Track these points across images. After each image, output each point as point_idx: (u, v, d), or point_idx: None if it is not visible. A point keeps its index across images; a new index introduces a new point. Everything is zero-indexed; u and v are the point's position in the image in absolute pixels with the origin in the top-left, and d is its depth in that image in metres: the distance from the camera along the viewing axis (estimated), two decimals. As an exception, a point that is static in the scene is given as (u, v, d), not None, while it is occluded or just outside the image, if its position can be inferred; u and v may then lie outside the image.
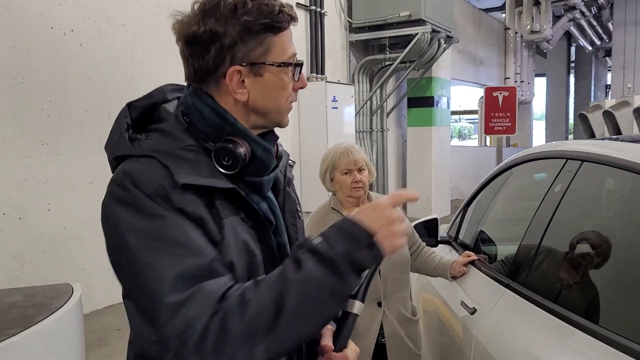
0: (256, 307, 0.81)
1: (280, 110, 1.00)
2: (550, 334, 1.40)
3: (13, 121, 3.62)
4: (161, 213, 0.84)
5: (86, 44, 4.05)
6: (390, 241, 0.88)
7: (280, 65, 0.96)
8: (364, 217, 0.88)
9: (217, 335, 0.79)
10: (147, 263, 0.82)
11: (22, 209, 3.70)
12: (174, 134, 0.95)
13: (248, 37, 0.93)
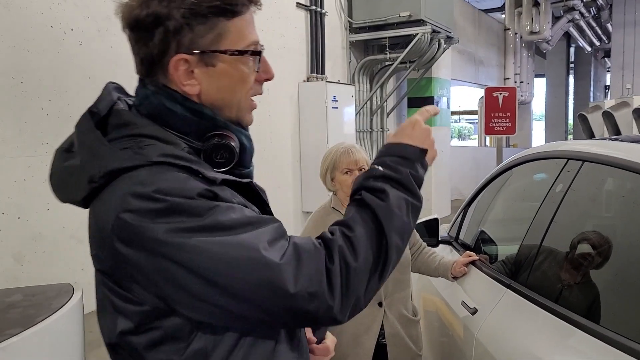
0: (362, 240, 0.83)
1: (239, 106, 0.91)
2: (551, 334, 1.40)
3: (12, 120, 3.61)
4: (212, 205, 0.77)
5: (86, 43, 4.04)
6: (432, 152, 0.96)
7: (234, 53, 0.86)
8: (407, 137, 0.95)
9: (342, 276, 0.80)
10: (232, 252, 0.75)
11: (22, 209, 3.70)
12: (163, 138, 0.84)
13: (195, 22, 0.83)
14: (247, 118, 0.94)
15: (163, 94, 0.87)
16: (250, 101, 0.93)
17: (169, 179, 0.77)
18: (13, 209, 3.66)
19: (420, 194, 0.92)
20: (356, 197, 0.90)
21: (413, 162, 0.92)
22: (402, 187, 0.89)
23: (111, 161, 0.80)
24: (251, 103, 0.93)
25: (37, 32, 3.72)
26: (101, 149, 0.82)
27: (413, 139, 0.95)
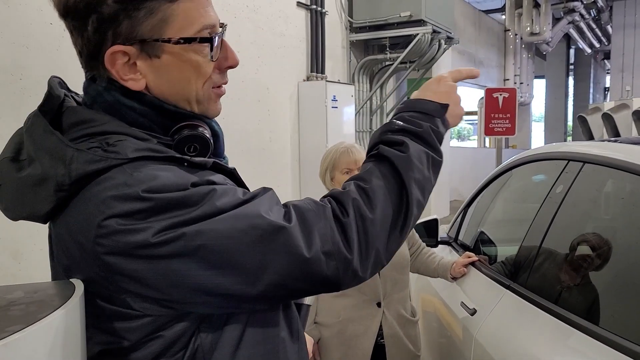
0: (380, 191, 0.78)
1: (198, 99, 0.80)
2: (550, 335, 1.40)
3: (11, 117, 3.60)
4: (207, 191, 0.70)
5: (86, 40, 4.03)
6: (457, 111, 0.93)
7: (180, 41, 0.74)
8: (431, 92, 0.92)
9: (359, 229, 0.76)
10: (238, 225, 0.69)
11: (20, 206, 3.69)
12: (132, 134, 0.75)
13: (131, 6, 0.72)
14: (212, 109, 0.82)
15: (117, 90, 0.77)
16: (213, 91, 0.81)
17: (154, 174, 0.69)
18: (11, 206, 3.65)
19: (440, 148, 0.90)
20: (373, 152, 0.86)
21: (433, 118, 0.89)
22: (422, 140, 0.86)
23: (82, 164, 0.70)
24: (215, 91, 0.82)
25: (37, 28, 3.71)
26: (67, 152, 0.71)
27: (436, 95, 0.92)
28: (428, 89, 0.93)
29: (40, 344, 0.64)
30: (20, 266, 3.70)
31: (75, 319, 0.72)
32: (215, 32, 0.78)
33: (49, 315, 0.66)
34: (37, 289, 0.78)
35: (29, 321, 0.64)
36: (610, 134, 7.49)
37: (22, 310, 0.68)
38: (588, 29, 15.66)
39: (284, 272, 0.71)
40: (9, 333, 0.60)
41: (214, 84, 0.81)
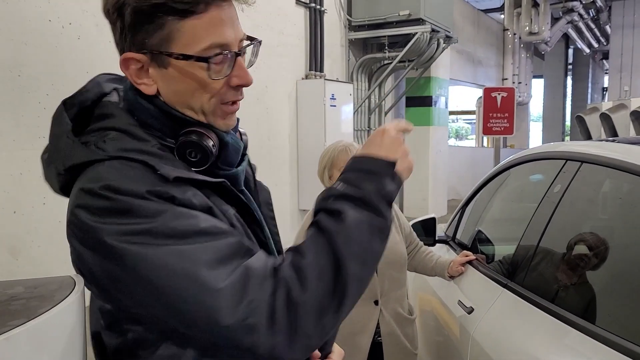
0: (314, 271, 0.74)
1: (204, 111, 0.82)
2: (547, 334, 1.40)
3: (10, 114, 3.59)
4: (164, 208, 0.71)
5: (84, 37, 4.02)
6: (406, 164, 0.87)
7: (179, 57, 0.78)
8: (376, 148, 0.85)
9: (286, 311, 0.71)
10: (172, 264, 0.69)
11: (17, 203, 3.68)
12: (133, 133, 0.79)
13: (145, 19, 0.76)
14: (219, 123, 0.84)
15: (136, 91, 0.83)
16: (222, 107, 0.83)
17: (120, 175, 0.73)
18: (9, 203, 3.64)
19: (389, 212, 0.81)
20: (314, 219, 0.81)
21: (381, 176, 0.81)
22: (364, 205, 0.78)
23: (70, 157, 0.78)
24: (224, 108, 0.83)
25: (35, 25, 3.70)
26: (62, 143, 0.80)
27: (382, 149, 0.84)
28: (372, 143, 0.86)
29: (41, 338, 0.65)
30: (18, 263, 3.70)
31: (75, 314, 0.72)
32: (226, 51, 0.79)
33: (49, 310, 0.66)
34: (37, 284, 0.79)
35: (30, 316, 0.64)
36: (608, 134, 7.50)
37: (23, 305, 0.69)
38: (587, 29, 15.67)
39: (201, 327, 0.71)
40: (10, 327, 0.61)
41: (223, 100, 0.82)
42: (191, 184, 0.77)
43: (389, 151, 0.85)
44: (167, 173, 0.74)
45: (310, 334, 0.73)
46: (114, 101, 0.85)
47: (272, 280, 0.73)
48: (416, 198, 8.77)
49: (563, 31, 14.30)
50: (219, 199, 0.81)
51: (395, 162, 0.84)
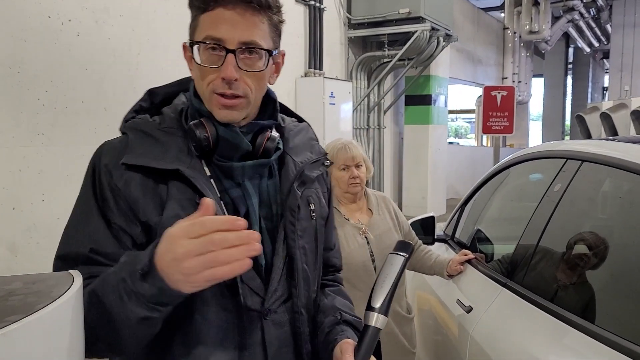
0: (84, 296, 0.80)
1: (205, 98, 0.94)
2: (546, 333, 1.40)
3: (8, 111, 3.58)
4: (88, 188, 0.92)
5: (83, 34, 4.01)
6: (183, 281, 0.73)
7: (190, 45, 0.93)
8: (161, 246, 0.75)
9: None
10: (64, 229, 0.94)
11: (16, 199, 3.67)
12: (164, 116, 0.98)
13: (192, 13, 0.94)
14: (215, 112, 0.94)
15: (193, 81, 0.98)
16: (215, 97, 0.92)
17: (112, 146, 0.95)
18: (7, 199, 3.63)
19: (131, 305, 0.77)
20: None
21: (133, 273, 0.77)
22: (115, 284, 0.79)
23: (120, 127, 0.99)
24: (216, 98, 0.92)
25: (35, 22, 3.69)
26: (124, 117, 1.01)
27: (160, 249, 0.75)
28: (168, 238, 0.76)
29: (39, 334, 0.64)
30: (17, 259, 3.69)
31: (74, 310, 0.72)
32: (215, 43, 0.90)
33: (47, 305, 0.66)
34: (35, 279, 0.78)
35: (28, 311, 0.64)
36: (608, 133, 7.50)
37: (21, 300, 0.68)
38: (587, 28, 15.67)
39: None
40: (7, 323, 0.60)
41: (215, 90, 0.92)
42: (148, 169, 0.90)
43: (162, 252, 0.75)
44: (123, 158, 0.91)
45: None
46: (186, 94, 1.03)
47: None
48: (415, 197, 8.77)
49: (563, 30, 14.29)
50: (185, 186, 0.91)
51: (155, 265, 0.75)
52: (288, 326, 1.00)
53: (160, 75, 4.72)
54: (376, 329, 0.93)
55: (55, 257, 0.93)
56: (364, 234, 2.08)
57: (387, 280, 0.94)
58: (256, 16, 0.91)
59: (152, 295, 0.76)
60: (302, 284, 1.02)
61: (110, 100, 4.21)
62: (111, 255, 0.88)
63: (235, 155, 0.96)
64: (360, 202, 2.17)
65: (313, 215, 1.06)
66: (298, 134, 1.11)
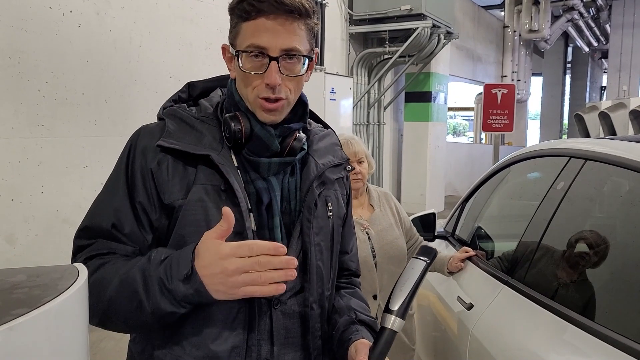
0: (96, 280, 0.92)
1: (248, 100, 1.00)
2: (547, 330, 1.41)
3: (8, 101, 3.57)
4: (121, 167, 1.00)
5: (85, 25, 3.99)
6: (222, 291, 0.86)
7: (235, 52, 0.99)
8: (205, 259, 0.87)
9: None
10: (93, 202, 1.03)
11: (15, 190, 3.66)
12: (202, 106, 1.05)
13: (231, 19, 1.00)
14: (259, 114, 1.00)
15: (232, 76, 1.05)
16: (259, 100, 0.98)
17: (150, 130, 1.02)
18: (7, 190, 3.62)
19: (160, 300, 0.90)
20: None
21: (175, 274, 0.89)
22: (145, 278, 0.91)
23: (158, 113, 1.06)
24: (260, 102, 0.98)
25: (36, 12, 3.67)
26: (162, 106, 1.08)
27: (202, 260, 0.87)
28: (207, 248, 0.89)
29: (44, 328, 0.64)
30: (15, 251, 3.68)
31: (79, 303, 0.72)
32: (259, 51, 0.95)
33: (53, 299, 0.65)
34: (39, 272, 0.78)
35: (33, 305, 0.63)
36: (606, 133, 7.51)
37: (26, 293, 0.68)
38: (587, 28, 15.67)
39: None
40: (13, 317, 0.60)
41: (259, 95, 0.98)
42: (182, 154, 0.97)
43: (206, 263, 0.86)
44: (158, 141, 0.97)
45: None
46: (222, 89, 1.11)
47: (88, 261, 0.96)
48: (414, 193, 8.78)
49: (563, 29, 14.30)
50: (213, 172, 0.97)
51: (197, 272, 0.87)
52: (298, 318, 1.03)
53: (160, 68, 4.70)
54: (393, 331, 0.94)
55: (79, 229, 1.01)
56: (365, 229, 2.09)
57: (407, 284, 0.96)
58: (295, 23, 0.96)
59: (187, 295, 0.88)
60: (315, 279, 1.05)
61: (111, 92, 4.20)
62: (129, 235, 0.98)
63: (265, 153, 1.01)
64: (361, 197, 2.17)
65: (330, 214, 1.10)
66: (323, 138, 1.15)
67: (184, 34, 4.75)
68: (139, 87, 4.40)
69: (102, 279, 0.93)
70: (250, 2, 0.94)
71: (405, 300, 0.94)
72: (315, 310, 1.04)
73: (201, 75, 1.22)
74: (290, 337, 1.02)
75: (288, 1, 0.94)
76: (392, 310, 0.94)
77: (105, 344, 3.36)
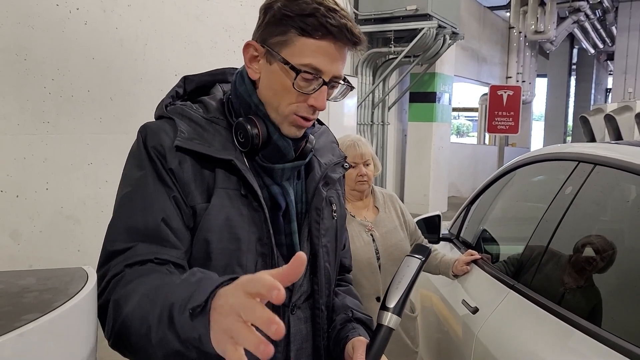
0: (132, 288, 0.80)
1: (278, 110, 0.96)
2: (553, 336, 1.40)
3: (14, 98, 3.57)
4: (145, 167, 0.92)
5: (91, 23, 3.99)
6: (216, 335, 0.63)
7: (286, 63, 0.92)
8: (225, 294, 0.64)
9: (109, 290, 0.82)
10: (118, 207, 0.92)
11: (20, 187, 3.67)
12: (207, 105, 1.01)
13: (272, 22, 0.93)
14: (285, 128, 0.97)
15: (239, 75, 1.02)
16: (294, 117, 0.96)
17: (159, 129, 0.95)
18: (12, 186, 3.63)
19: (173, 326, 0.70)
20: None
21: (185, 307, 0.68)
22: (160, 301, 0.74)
23: (157, 111, 1.02)
24: (294, 118, 0.96)
25: (42, 9, 3.67)
26: (160, 102, 1.02)
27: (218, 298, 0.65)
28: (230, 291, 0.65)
29: (55, 333, 0.64)
30: (19, 247, 3.69)
31: (88, 307, 0.72)
32: (317, 75, 0.92)
33: (64, 303, 0.65)
34: (49, 275, 0.78)
35: (44, 310, 0.63)
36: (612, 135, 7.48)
37: (36, 297, 0.68)
38: (593, 29, 15.61)
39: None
40: (24, 322, 0.59)
41: (297, 112, 0.96)
42: (200, 156, 0.93)
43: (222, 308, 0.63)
44: (175, 141, 0.92)
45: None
46: (225, 87, 1.08)
47: (127, 268, 0.85)
48: (417, 194, 8.77)
49: (569, 31, 14.25)
50: (231, 176, 0.94)
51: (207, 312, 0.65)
52: (309, 322, 1.04)
53: (166, 66, 4.70)
54: (389, 328, 0.95)
55: (113, 232, 0.89)
56: (370, 231, 2.08)
57: (403, 281, 0.96)
58: (347, 52, 0.96)
59: (189, 336, 0.68)
60: (324, 281, 1.05)
61: (116, 89, 4.20)
62: (177, 231, 0.90)
63: (280, 161, 0.99)
64: (367, 199, 2.16)
65: (334, 215, 1.10)
66: (321, 136, 1.14)
67: (190, 32, 4.74)
68: (144, 85, 4.40)
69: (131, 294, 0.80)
70: (320, 21, 0.90)
71: (402, 298, 0.95)
72: (324, 312, 1.05)
73: (206, 73, 1.20)
74: (304, 341, 1.03)
75: (356, 32, 0.93)
76: (388, 307, 0.94)
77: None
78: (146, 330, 0.74)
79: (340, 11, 0.92)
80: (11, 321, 0.61)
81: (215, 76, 1.08)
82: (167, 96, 1.03)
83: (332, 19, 0.90)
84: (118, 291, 0.81)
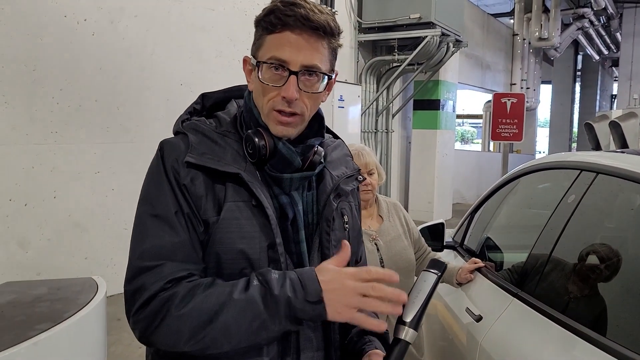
0: (196, 306, 0.89)
1: (262, 110, 1.01)
2: (557, 345, 1.41)
3: (23, 108, 3.62)
4: (163, 184, 0.96)
5: (99, 33, 4.05)
6: (338, 309, 0.89)
7: (256, 63, 0.99)
8: (327, 275, 0.90)
9: (156, 309, 0.89)
10: (139, 224, 0.96)
11: (29, 196, 3.71)
12: (220, 120, 1.05)
13: (255, 33, 1.01)
14: (272, 127, 1.01)
15: (249, 90, 1.06)
16: (274, 113, 0.99)
17: (175, 145, 0.99)
18: (20, 195, 3.67)
19: (284, 321, 0.89)
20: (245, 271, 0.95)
21: (304, 296, 0.89)
22: (268, 300, 0.89)
23: (174, 126, 1.06)
24: (274, 115, 0.99)
25: (51, 21, 3.72)
26: (178, 118, 1.07)
27: (327, 282, 0.90)
28: (329, 271, 0.92)
29: (67, 342, 0.66)
30: (28, 255, 3.73)
31: (99, 316, 0.74)
32: (279, 64, 0.96)
33: (75, 313, 0.67)
34: (60, 285, 0.80)
35: (56, 319, 0.65)
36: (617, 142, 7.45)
37: (48, 307, 0.70)
38: (597, 36, 15.60)
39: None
40: (38, 331, 0.62)
41: (274, 107, 0.99)
42: (210, 170, 0.96)
43: (329, 285, 0.89)
44: (186, 157, 0.96)
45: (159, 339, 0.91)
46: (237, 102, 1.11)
47: (167, 285, 0.91)
48: (421, 201, 8.76)
49: (573, 37, 14.25)
50: (241, 189, 0.97)
51: (323, 295, 0.89)
52: (320, 332, 1.05)
53: (171, 76, 4.75)
54: (406, 342, 0.96)
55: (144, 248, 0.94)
56: (374, 240, 2.09)
57: (420, 296, 0.98)
58: (319, 42, 0.97)
59: (306, 315, 0.89)
60: None
61: (124, 99, 4.24)
62: (196, 246, 0.96)
63: (287, 170, 1.02)
64: (371, 208, 2.18)
65: (346, 226, 1.12)
66: (335, 149, 1.16)
67: (195, 42, 4.79)
68: (150, 95, 4.44)
69: (202, 305, 0.89)
70: (277, 15, 0.95)
71: (418, 312, 0.97)
72: (335, 322, 1.05)
73: (211, 82, 1.23)
74: (315, 350, 1.03)
75: (314, 18, 0.95)
76: (405, 321, 0.96)
77: (114, 348, 3.38)
78: (260, 324, 0.88)
79: (300, 2, 0.96)
80: (25, 330, 0.63)
81: (232, 92, 1.13)
82: (184, 112, 1.07)
83: (290, 10, 0.94)
84: (180, 306, 0.88)
